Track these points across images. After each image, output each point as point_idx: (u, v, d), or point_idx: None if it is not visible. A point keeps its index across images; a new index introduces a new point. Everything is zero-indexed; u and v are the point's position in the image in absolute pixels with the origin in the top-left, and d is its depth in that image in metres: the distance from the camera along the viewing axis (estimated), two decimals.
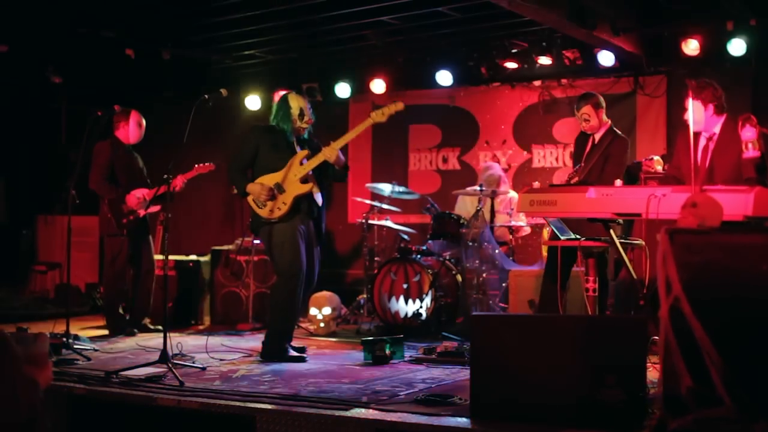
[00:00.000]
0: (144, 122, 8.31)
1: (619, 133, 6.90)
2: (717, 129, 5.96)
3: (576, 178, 6.72)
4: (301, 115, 6.78)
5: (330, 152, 6.72)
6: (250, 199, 6.75)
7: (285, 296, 6.65)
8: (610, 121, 6.92)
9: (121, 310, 8.19)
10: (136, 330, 8.11)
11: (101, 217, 8.22)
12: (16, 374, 2.58)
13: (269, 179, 6.71)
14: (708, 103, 5.95)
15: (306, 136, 6.91)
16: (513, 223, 8.79)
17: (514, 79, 10.18)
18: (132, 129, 8.24)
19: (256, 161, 6.80)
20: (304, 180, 6.71)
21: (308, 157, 6.77)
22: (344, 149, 10.72)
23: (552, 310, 6.40)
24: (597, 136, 6.87)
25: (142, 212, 8.05)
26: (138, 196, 8.06)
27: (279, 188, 6.67)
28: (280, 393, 5.21)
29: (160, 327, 7.41)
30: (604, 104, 6.89)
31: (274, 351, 6.63)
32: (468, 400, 4.59)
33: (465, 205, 9.27)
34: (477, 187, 8.60)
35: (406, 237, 9.07)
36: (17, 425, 2.52)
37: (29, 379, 2.62)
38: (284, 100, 6.85)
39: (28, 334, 6.48)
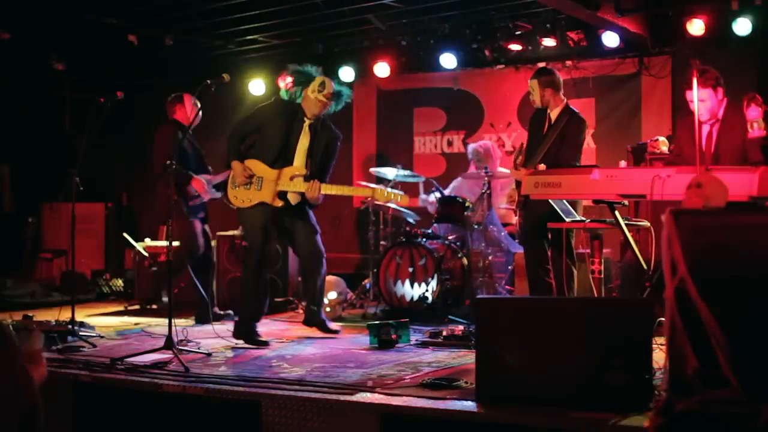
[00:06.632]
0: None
1: (576, 112, 6.82)
2: (720, 112, 5.90)
3: (521, 158, 6.68)
4: (322, 85, 6.61)
5: (312, 190, 6.63)
6: (230, 173, 6.81)
7: (248, 279, 6.82)
8: (566, 100, 6.84)
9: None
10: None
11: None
12: (17, 365, 2.58)
13: (259, 168, 6.70)
14: (718, 87, 5.87)
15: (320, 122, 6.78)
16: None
17: (519, 61, 10.12)
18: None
19: (260, 134, 6.78)
20: (282, 195, 6.69)
21: (313, 155, 6.69)
22: (349, 133, 10.90)
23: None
24: (553, 115, 6.77)
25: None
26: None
27: (258, 183, 6.68)
28: (285, 378, 5.22)
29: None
30: (557, 82, 6.81)
31: (240, 332, 6.73)
32: (474, 383, 4.59)
33: (463, 188, 9.22)
34: (482, 171, 8.57)
35: (411, 221, 9.06)
36: (20, 415, 2.52)
37: (28, 372, 2.62)
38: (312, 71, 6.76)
39: (23, 327, 6.51)
